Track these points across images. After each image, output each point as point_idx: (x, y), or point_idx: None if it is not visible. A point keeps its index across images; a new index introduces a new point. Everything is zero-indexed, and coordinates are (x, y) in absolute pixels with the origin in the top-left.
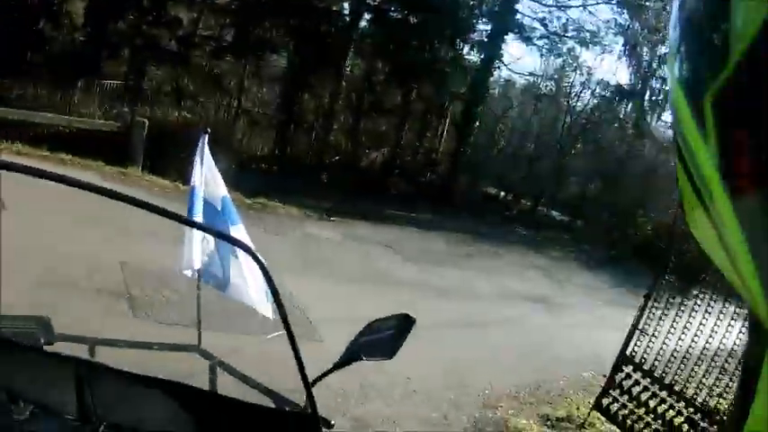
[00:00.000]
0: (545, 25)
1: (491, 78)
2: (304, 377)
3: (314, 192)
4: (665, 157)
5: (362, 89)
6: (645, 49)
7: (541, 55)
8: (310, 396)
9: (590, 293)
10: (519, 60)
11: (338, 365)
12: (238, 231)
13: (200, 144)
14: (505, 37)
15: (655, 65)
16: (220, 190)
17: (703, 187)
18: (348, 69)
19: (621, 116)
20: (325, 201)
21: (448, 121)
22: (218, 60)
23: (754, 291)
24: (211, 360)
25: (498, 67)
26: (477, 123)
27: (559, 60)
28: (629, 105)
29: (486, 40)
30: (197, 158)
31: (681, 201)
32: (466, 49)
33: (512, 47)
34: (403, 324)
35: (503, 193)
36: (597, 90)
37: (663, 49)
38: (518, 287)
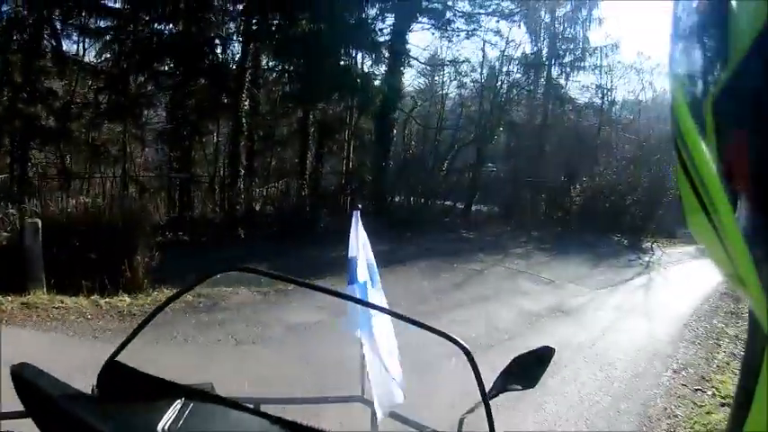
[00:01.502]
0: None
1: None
2: (490, 422)
3: (240, 254)
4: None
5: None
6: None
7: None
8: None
9: None
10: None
11: (486, 400)
12: (379, 293)
13: (353, 219)
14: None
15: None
16: (370, 257)
17: (703, 189)
18: (246, 103)
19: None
20: (263, 260)
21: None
22: (97, 129)
23: (754, 291)
24: (373, 407)
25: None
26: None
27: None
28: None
29: (390, 37)
30: (352, 233)
31: (680, 202)
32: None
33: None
34: (544, 355)
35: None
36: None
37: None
38: None
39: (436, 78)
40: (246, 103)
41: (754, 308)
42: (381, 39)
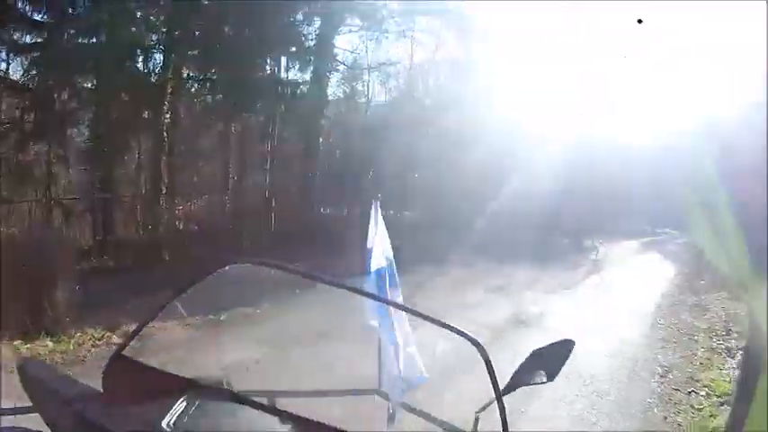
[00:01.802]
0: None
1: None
2: (503, 416)
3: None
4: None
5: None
6: None
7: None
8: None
9: None
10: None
11: (503, 393)
12: (396, 290)
13: (373, 210)
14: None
15: None
16: (388, 251)
17: (703, 186)
18: (167, 116)
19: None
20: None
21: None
22: (22, 150)
23: (753, 289)
24: (389, 400)
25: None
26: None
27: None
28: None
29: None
30: (371, 224)
31: (684, 204)
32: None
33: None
34: (563, 347)
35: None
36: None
37: None
38: None
39: (363, 83)
40: (168, 116)
41: (753, 309)
42: (308, 44)
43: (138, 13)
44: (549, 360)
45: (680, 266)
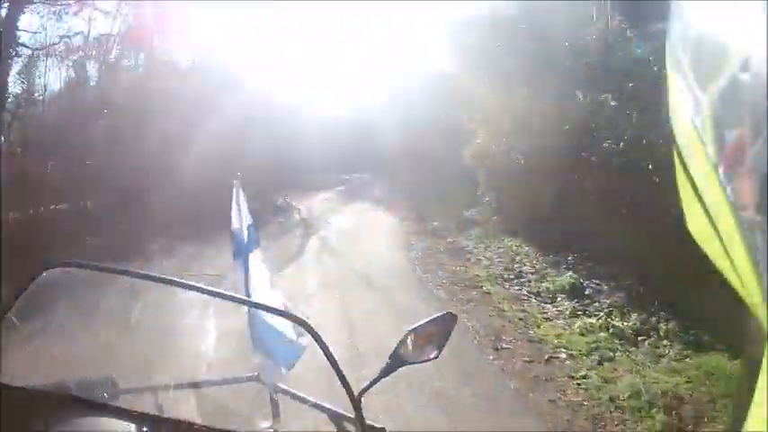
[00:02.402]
0: None
1: None
2: (349, 392)
3: None
4: None
5: None
6: None
7: None
8: (358, 410)
9: None
10: None
11: (383, 374)
12: (257, 255)
13: (234, 190)
14: None
15: None
16: (247, 220)
17: (702, 185)
18: None
19: None
20: None
21: None
22: None
23: (753, 289)
24: (270, 387)
25: None
26: None
27: None
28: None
29: None
30: (233, 203)
31: (679, 198)
32: None
33: None
34: (445, 323)
35: None
36: None
37: None
38: None
39: (43, 65)
40: None
41: (753, 308)
42: None
43: None
44: (431, 336)
45: (397, 212)
